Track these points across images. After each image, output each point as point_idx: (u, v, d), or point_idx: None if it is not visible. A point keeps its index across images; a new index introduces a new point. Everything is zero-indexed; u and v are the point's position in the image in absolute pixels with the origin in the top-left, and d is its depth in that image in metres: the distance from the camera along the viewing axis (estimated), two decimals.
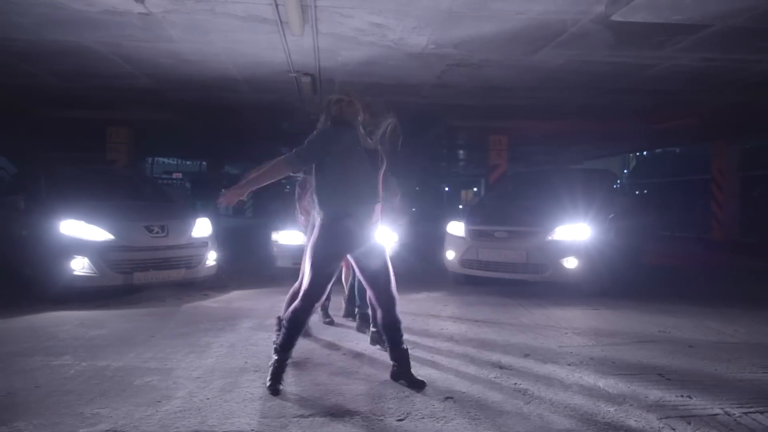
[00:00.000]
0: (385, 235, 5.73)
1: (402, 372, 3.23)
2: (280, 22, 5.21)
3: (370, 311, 4.31)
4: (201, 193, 20.72)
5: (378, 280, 3.20)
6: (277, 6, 4.79)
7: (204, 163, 25.48)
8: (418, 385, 3.16)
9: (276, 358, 3.15)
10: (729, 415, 2.82)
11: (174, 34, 5.67)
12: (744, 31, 5.18)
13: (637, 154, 22.44)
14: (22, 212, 6.02)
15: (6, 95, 9.11)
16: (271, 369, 3.14)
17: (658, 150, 20.32)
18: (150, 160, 20.44)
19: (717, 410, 2.87)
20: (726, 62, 6.52)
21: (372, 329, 4.20)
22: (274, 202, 11.72)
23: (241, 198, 3.16)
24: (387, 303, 3.20)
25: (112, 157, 11.55)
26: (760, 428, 2.67)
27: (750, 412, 2.85)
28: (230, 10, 4.95)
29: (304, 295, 3.08)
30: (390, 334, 3.23)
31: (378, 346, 3.96)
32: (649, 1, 4.43)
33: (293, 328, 3.11)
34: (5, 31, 5.69)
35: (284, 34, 5.62)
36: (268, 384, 3.08)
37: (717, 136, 12.66)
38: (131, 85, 8.11)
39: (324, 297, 3.22)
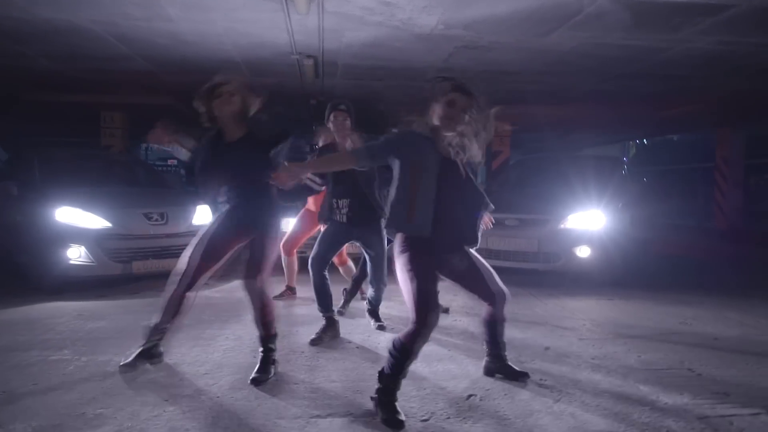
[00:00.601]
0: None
1: (500, 366, 3.07)
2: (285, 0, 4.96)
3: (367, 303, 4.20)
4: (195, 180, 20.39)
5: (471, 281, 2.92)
6: None
7: None
8: (521, 376, 3.04)
9: (380, 387, 2.60)
10: None
11: (173, 12, 5.41)
12: (765, 12, 4.98)
13: (637, 141, 22.32)
14: (15, 199, 5.78)
15: None
16: (376, 401, 2.59)
17: (658, 138, 20.18)
18: (145, 146, 20.05)
19: (758, 409, 2.72)
20: (742, 46, 6.32)
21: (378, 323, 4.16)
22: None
23: (297, 180, 2.93)
24: (490, 299, 2.93)
25: (107, 142, 11.26)
26: None
27: None
28: None
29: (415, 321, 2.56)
30: (491, 329, 3.02)
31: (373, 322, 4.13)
32: None
33: (405, 355, 2.57)
34: None
35: (288, 13, 5.37)
36: (382, 419, 2.52)
37: (722, 123, 12.50)
38: (127, 67, 7.82)
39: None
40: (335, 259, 4.61)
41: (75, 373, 3.10)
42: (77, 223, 5.27)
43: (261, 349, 3.15)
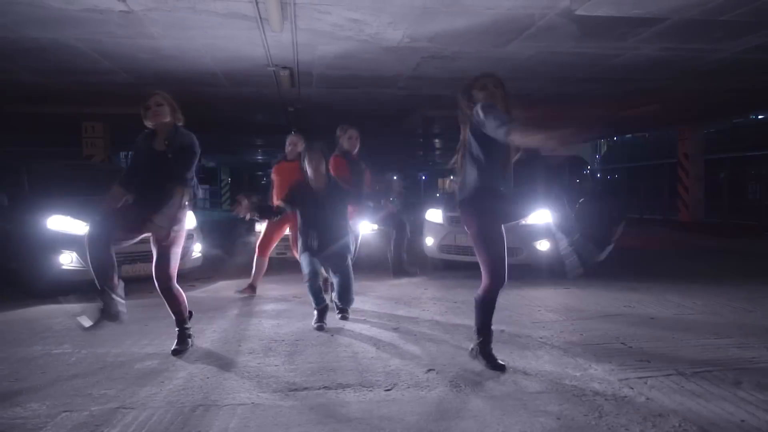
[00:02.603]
0: (363, 224, 6.04)
1: (485, 352, 3.29)
2: (260, 18, 5.36)
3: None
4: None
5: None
6: (257, 3, 4.95)
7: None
8: (499, 368, 3.22)
9: (480, 340, 3.26)
10: (681, 374, 3.14)
11: (154, 31, 5.77)
12: (698, 23, 5.52)
13: (608, 140, 23.03)
14: (6, 209, 6.07)
15: None
16: (478, 349, 3.26)
17: (628, 136, 20.92)
18: (125, 155, 20.24)
19: (671, 371, 3.20)
20: (684, 51, 6.87)
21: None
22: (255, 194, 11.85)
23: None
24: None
25: (89, 152, 11.52)
26: (707, 384, 2.99)
27: (700, 372, 3.18)
28: (211, 7, 5.09)
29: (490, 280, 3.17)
30: (486, 310, 3.29)
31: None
32: None
33: (489, 309, 3.25)
34: None
35: (263, 30, 5.77)
36: (488, 365, 3.20)
37: (679, 121, 13.17)
38: (109, 80, 8.14)
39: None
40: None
41: (77, 363, 3.47)
42: (68, 230, 5.60)
43: (177, 328, 3.70)
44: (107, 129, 11.66)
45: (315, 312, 4.41)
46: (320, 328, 4.26)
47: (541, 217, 6.43)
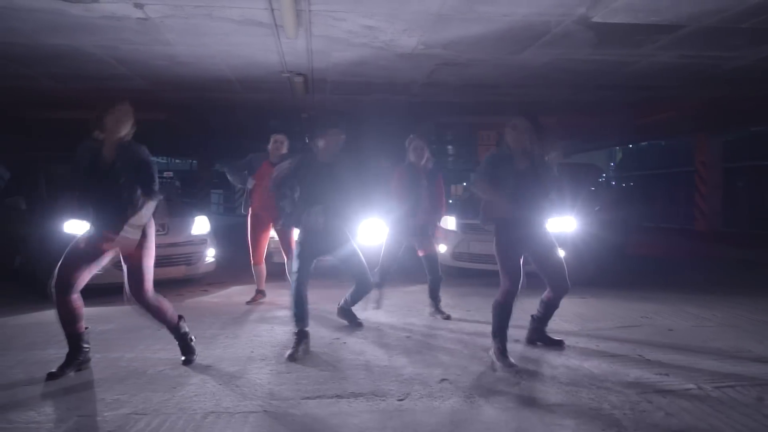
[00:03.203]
0: (377, 230, 5.99)
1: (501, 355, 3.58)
2: (275, 25, 5.38)
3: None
4: (191, 192, 20.82)
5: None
6: (272, 10, 4.97)
7: (194, 161, 25.48)
8: (558, 345, 3.92)
9: (496, 343, 3.58)
10: (702, 389, 3.07)
11: (170, 37, 5.82)
12: (717, 30, 5.44)
13: (623, 147, 22.81)
14: (24, 212, 6.15)
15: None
16: (495, 352, 3.56)
17: (644, 143, 20.69)
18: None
19: (691, 385, 3.12)
20: (702, 59, 6.79)
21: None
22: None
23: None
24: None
25: None
26: (728, 399, 2.92)
27: (721, 387, 3.10)
28: (227, 14, 5.12)
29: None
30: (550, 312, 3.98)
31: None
32: (626, 4, 4.67)
33: (506, 313, 3.62)
34: (3, 36, 5.80)
35: (278, 37, 5.80)
36: (500, 367, 3.46)
37: (697, 129, 12.99)
38: (125, 86, 8.21)
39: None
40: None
41: (91, 367, 3.47)
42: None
43: (175, 339, 3.60)
44: None
45: (294, 335, 3.82)
46: (292, 358, 3.62)
47: (558, 225, 6.38)
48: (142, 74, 7.57)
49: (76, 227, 5.66)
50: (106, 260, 3.46)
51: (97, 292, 5.54)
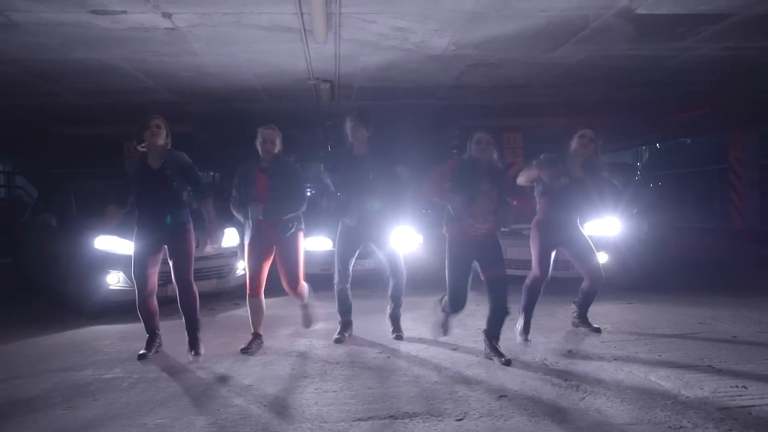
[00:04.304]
0: (408, 237, 5.78)
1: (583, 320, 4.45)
2: (304, 30, 5.25)
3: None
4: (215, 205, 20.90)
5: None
6: (302, 15, 4.83)
7: (216, 174, 25.57)
8: (597, 331, 4.36)
9: (524, 318, 4.19)
10: None
11: (198, 47, 5.73)
12: (766, 18, 5.16)
13: (650, 146, 22.33)
14: (54, 229, 6.09)
15: (25, 114, 9.23)
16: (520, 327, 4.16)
17: (672, 142, 20.21)
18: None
19: None
20: (746, 50, 6.49)
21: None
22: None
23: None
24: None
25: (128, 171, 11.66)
26: None
27: None
28: (255, 21, 5.00)
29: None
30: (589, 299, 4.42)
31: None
32: None
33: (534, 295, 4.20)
34: (30, 52, 5.77)
35: (306, 43, 5.66)
36: (521, 341, 4.09)
37: (733, 124, 12.58)
38: (151, 99, 8.19)
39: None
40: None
41: (129, 389, 3.33)
42: (115, 249, 5.54)
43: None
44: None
45: (339, 323, 4.43)
46: (339, 341, 4.26)
47: (599, 227, 6.11)
48: (168, 87, 7.51)
49: (106, 243, 5.59)
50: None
51: (126, 309, 5.50)
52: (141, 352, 4.02)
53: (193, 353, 3.90)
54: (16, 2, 4.41)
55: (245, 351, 4.06)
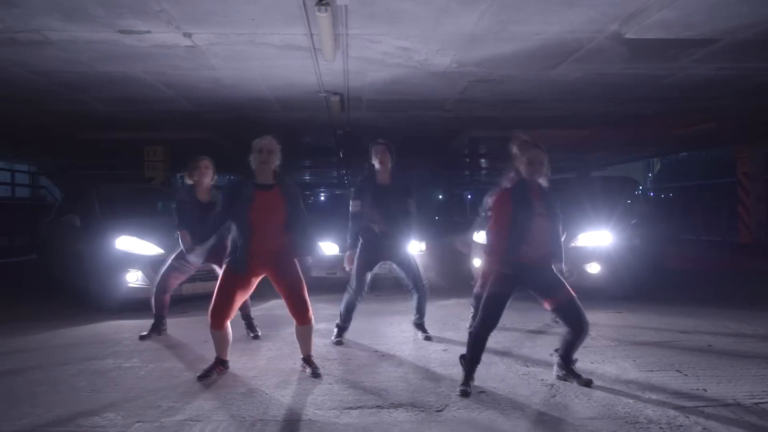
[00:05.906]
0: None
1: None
2: (314, 49, 5.62)
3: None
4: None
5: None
6: (311, 35, 5.20)
7: (233, 177, 26.13)
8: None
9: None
10: (740, 405, 3.08)
11: (216, 62, 6.13)
12: (753, 43, 5.40)
13: (661, 158, 22.38)
14: (78, 230, 6.52)
15: (54, 120, 9.74)
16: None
17: (683, 154, 20.27)
18: (180, 176, 21.25)
19: (729, 401, 3.13)
20: (739, 70, 6.71)
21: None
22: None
23: None
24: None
25: (150, 174, 12.15)
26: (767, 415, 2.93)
27: (761, 403, 3.10)
28: (268, 40, 5.38)
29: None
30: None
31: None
32: (659, 20, 4.71)
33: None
34: (62, 65, 6.21)
35: (316, 59, 6.03)
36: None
37: (739, 139, 12.72)
38: (171, 108, 8.63)
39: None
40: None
41: (146, 376, 3.70)
42: (135, 250, 5.95)
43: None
44: (167, 152, 12.27)
45: (336, 326, 4.70)
46: (339, 344, 4.56)
47: (592, 239, 6.38)
48: (187, 97, 7.94)
49: (127, 244, 6.00)
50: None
51: (144, 306, 5.90)
52: (143, 333, 4.81)
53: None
54: (52, 23, 4.84)
55: (201, 378, 3.55)
